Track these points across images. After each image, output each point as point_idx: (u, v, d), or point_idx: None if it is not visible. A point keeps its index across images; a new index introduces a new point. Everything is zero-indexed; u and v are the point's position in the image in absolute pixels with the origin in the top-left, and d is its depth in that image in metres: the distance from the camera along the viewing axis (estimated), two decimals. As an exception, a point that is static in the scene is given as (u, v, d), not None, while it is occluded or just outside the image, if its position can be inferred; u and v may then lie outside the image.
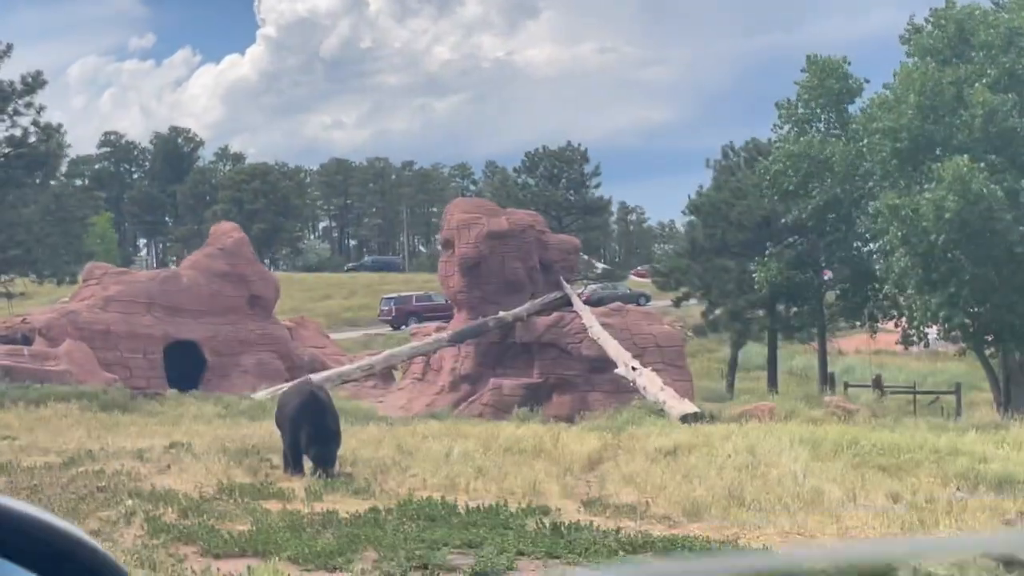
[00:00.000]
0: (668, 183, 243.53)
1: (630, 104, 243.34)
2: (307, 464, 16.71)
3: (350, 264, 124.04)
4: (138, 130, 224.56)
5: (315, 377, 35.77)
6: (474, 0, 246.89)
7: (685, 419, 28.97)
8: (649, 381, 33.01)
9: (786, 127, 45.67)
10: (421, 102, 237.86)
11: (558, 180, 69.31)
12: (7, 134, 32.50)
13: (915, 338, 43.64)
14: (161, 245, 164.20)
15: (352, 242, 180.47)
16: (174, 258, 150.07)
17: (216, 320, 43.29)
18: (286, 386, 34.68)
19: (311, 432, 16.18)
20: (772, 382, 46.32)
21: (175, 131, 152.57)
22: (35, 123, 32.26)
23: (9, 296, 34.13)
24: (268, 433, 21.68)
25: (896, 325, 45.94)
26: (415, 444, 19.48)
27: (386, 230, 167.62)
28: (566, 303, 40.03)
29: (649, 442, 20.95)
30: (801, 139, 43.42)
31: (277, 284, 46.14)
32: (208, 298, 43.29)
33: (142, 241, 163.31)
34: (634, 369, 34.61)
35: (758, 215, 44.63)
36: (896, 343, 44.60)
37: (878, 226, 39.49)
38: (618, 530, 11.84)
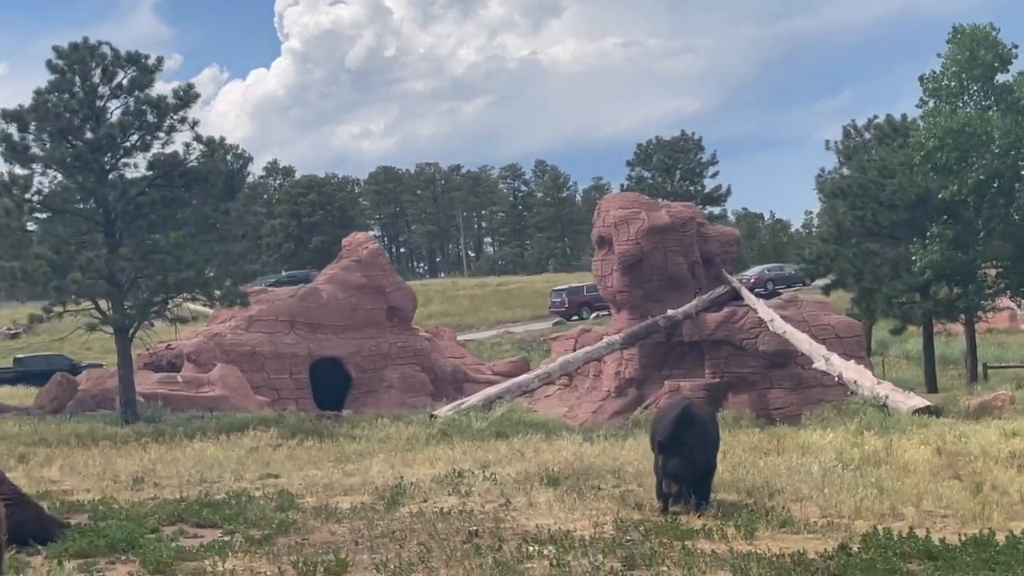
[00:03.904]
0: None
1: (658, 96, 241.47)
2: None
3: (270, 280, 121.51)
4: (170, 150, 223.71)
5: (493, 390, 34.10)
6: (496, 1, 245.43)
7: (917, 414, 26.99)
8: (859, 374, 31.02)
9: (931, 102, 43.45)
10: (448, 106, 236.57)
11: (673, 171, 67.29)
12: (169, 151, 30.73)
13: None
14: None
15: (402, 250, 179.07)
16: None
17: (357, 335, 41.61)
18: (470, 400, 33.03)
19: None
20: (930, 371, 44.01)
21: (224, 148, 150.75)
22: (198, 138, 30.53)
23: (183, 321, 32.38)
24: (559, 455, 19.85)
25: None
26: (751, 460, 17.54)
27: (439, 235, 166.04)
28: (734, 297, 38.07)
29: (951, 443, 19.06)
30: (956, 113, 41.23)
31: (414, 295, 44.38)
32: (348, 312, 41.62)
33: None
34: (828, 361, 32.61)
35: (912, 194, 42.41)
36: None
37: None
38: None
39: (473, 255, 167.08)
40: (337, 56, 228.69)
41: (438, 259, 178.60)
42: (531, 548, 12.15)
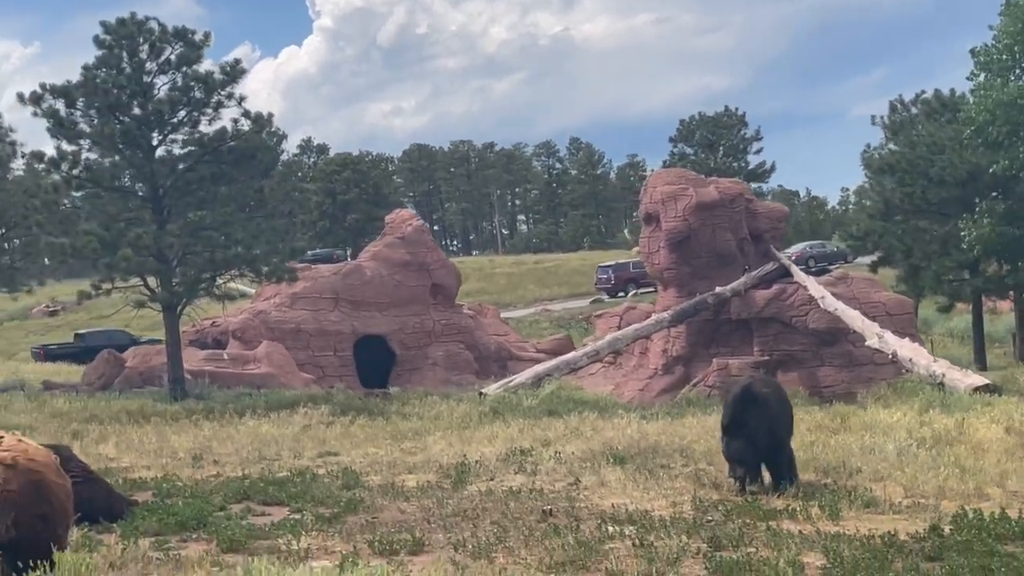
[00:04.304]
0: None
1: (689, 73, 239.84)
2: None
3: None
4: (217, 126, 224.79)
5: (542, 368, 33.87)
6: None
7: (977, 392, 26.51)
8: (914, 352, 30.55)
9: (982, 75, 42.66)
10: (480, 84, 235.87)
11: (716, 147, 66.47)
12: (216, 127, 30.55)
13: None
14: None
15: (436, 228, 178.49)
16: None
17: (401, 312, 41.39)
18: (518, 378, 32.80)
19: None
20: (980, 349, 43.31)
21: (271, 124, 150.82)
22: (246, 114, 30.30)
23: (231, 298, 32.28)
24: (621, 434, 19.58)
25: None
26: (821, 439, 17.21)
27: (473, 213, 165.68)
28: (783, 274, 37.58)
29: (1019, 423, 18.64)
30: (1008, 86, 40.46)
31: (458, 272, 44.12)
32: (392, 290, 41.39)
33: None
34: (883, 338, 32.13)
35: (962, 170, 41.71)
36: None
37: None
38: None
39: (507, 233, 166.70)
40: (369, 34, 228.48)
41: (472, 237, 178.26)
42: (610, 528, 11.91)
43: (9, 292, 36.48)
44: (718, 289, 36.35)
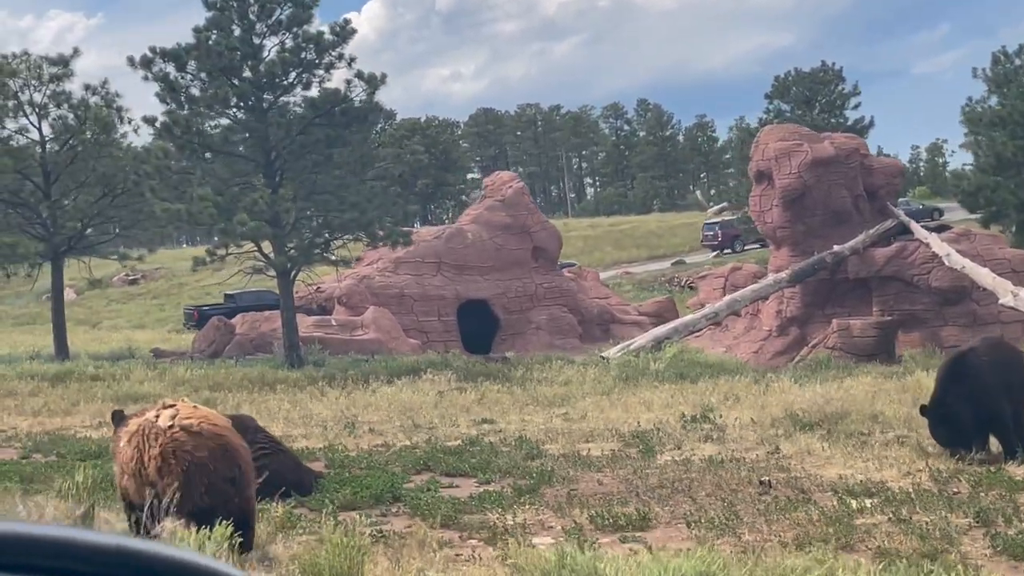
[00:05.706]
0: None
1: (750, 31, 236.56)
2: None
3: None
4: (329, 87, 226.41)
5: (662, 330, 33.05)
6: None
7: None
8: (1054, 311, 29.28)
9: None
10: (539, 47, 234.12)
11: (812, 104, 64.97)
12: (325, 89, 29.80)
13: None
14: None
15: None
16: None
17: (503, 276, 40.61)
18: (638, 341, 31.98)
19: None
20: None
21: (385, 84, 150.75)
22: (359, 75, 29.50)
23: (346, 263, 31.68)
24: (786, 398, 18.69)
25: None
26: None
27: (541, 176, 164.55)
28: (901, 231, 36.36)
29: None
30: None
31: (559, 234, 43.23)
32: (493, 253, 40.60)
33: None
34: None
35: (1081, 121, 40.18)
36: None
37: None
38: None
39: (573, 196, 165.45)
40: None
41: (538, 200, 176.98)
42: (853, 502, 11.06)
43: (120, 260, 36.21)
44: (836, 247, 35.20)
